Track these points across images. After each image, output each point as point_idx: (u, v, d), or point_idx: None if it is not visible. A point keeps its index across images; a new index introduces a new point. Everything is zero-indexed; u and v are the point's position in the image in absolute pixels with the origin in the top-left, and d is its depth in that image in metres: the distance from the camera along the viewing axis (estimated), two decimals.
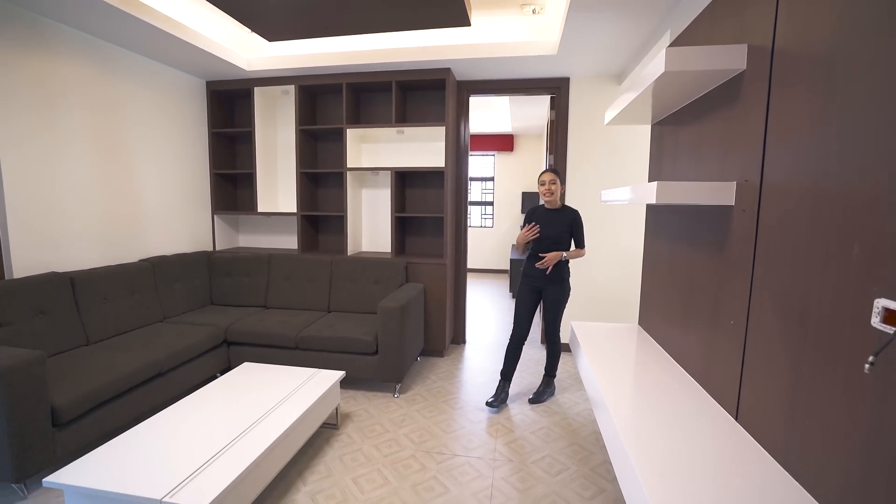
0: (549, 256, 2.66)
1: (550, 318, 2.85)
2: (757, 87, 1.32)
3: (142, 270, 3.11)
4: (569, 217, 2.74)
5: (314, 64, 3.43)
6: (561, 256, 2.68)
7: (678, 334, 1.92)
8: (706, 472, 1.13)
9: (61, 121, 2.69)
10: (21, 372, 1.82)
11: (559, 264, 2.73)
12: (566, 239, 2.73)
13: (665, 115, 2.15)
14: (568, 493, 2.00)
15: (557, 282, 2.77)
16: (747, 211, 1.35)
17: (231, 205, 4.18)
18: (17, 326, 2.30)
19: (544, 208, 2.79)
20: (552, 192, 2.70)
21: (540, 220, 2.73)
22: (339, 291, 3.53)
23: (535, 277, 2.79)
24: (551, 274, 2.73)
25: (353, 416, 2.67)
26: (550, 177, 2.71)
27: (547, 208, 2.78)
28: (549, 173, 2.73)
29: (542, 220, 2.73)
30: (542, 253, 2.71)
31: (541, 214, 2.77)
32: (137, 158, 3.24)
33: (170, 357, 2.61)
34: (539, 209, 2.81)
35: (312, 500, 1.93)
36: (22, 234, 2.51)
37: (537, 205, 2.86)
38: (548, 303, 2.83)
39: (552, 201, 2.74)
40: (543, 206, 2.80)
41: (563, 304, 2.83)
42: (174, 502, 1.44)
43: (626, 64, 3.26)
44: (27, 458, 1.85)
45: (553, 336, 2.90)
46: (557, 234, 2.70)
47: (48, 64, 2.60)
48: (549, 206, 2.77)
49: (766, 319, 1.24)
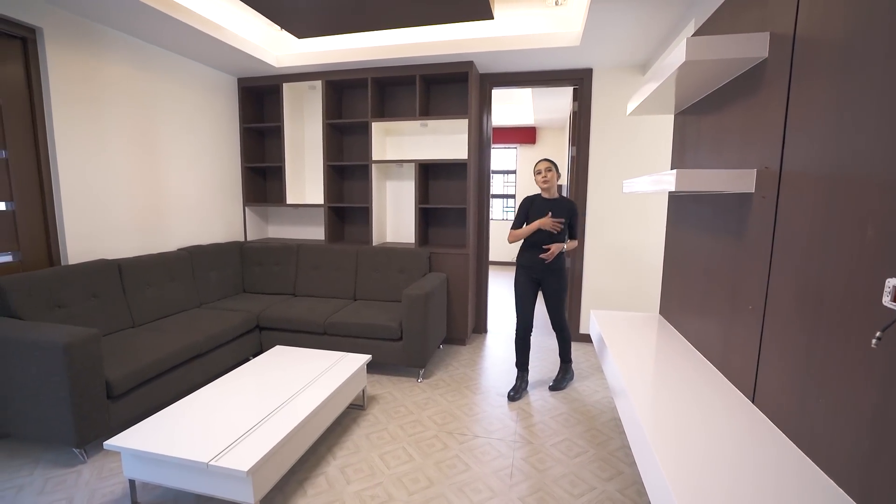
0: (553, 248, 2.67)
1: (556, 309, 2.86)
2: (778, 74, 1.34)
3: (180, 259, 3.29)
4: (568, 207, 2.75)
5: (340, 59, 3.53)
6: (562, 248, 2.69)
7: (698, 321, 1.95)
8: (723, 453, 1.18)
9: (107, 118, 2.87)
10: (81, 348, 2.00)
11: (558, 256, 2.75)
12: (564, 229, 2.74)
13: (688, 104, 2.16)
14: (586, 474, 2.07)
15: (557, 272, 2.78)
16: (767, 198, 1.38)
17: (261, 197, 4.34)
18: (73, 308, 2.49)
19: (542, 198, 2.78)
20: (548, 181, 2.69)
21: (539, 209, 2.74)
22: (365, 280, 3.65)
23: (533, 269, 2.80)
24: (550, 264, 2.74)
25: (378, 399, 2.79)
26: (546, 164, 2.70)
27: (545, 198, 2.77)
28: (544, 161, 2.72)
29: (540, 210, 2.73)
30: (543, 244, 2.71)
31: (540, 204, 2.77)
32: (174, 153, 3.41)
33: (208, 340, 2.77)
34: (537, 199, 2.80)
35: (342, 473, 2.05)
36: (75, 224, 2.70)
37: (533, 194, 2.85)
38: (549, 293, 2.83)
39: (549, 190, 2.73)
40: (540, 195, 2.80)
41: (565, 293, 2.85)
42: (219, 465, 1.57)
43: (651, 54, 3.25)
44: (86, 426, 2.03)
45: (562, 324, 2.90)
46: None
47: (96, 64, 2.78)
48: (546, 196, 2.76)
49: (783, 303, 1.27)
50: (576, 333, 3.93)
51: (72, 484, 1.96)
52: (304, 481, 1.99)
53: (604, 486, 1.98)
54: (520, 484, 1.99)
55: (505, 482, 2.00)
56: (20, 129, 2.47)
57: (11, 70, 2.42)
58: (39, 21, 2.45)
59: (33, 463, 2.10)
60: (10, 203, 2.44)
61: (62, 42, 2.58)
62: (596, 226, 3.76)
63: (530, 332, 2.90)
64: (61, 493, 1.90)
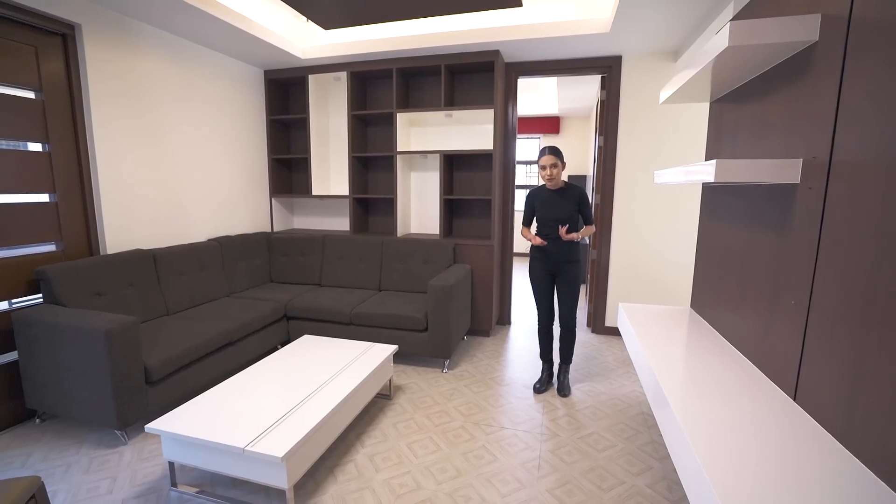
0: (573, 235, 2.58)
1: (568, 304, 2.75)
2: (830, 58, 1.27)
3: (211, 249, 3.37)
4: (575, 195, 2.65)
5: (365, 50, 3.53)
6: (577, 237, 2.60)
7: (733, 316, 1.90)
8: (764, 450, 1.15)
9: (141, 112, 2.95)
10: (121, 334, 2.07)
11: (572, 245, 2.68)
12: (576, 217, 2.65)
13: (725, 91, 2.08)
14: (615, 468, 2.05)
15: (571, 263, 2.70)
16: (814, 188, 1.32)
17: (287, 188, 4.41)
18: (112, 296, 2.59)
19: (547, 189, 2.71)
20: (552, 177, 2.61)
21: (546, 202, 2.68)
22: (390, 271, 3.68)
23: (547, 261, 2.73)
24: (566, 255, 2.67)
25: (404, 389, 2.82)
26: (551, 160, 2.60)
27: (550, 189, 2.70)
28: (548, 156, 2.61)
29: (549, 202, 2.67)
30: (552, 235, 2.65)
31: (545, 196, 2.70)
32: (204, 145, 3.48)
33: (238, 328, 2.84)
34: (541, 191, 2.74)
35: (371, 461, 2.09)
36: (112, 215, 2.79)
37: (537, 186, 2.77)
38: (562, 288, 2.74)
39: (554, 183, 2.66)
40: (545, 186, 2.72)
41: (578, 287, 2.75)
42: (255, 451, 1.62)
43: (683, 40, 3.14)
44: (127, 409, 2.12)
45: (571, 322, 2.78)
46: (563, 215, 2.63)
47: (131, 59, 2.85)
48: (551, 187, 2.69)
49: (830, 298, 1.22)
50: (601, 326, 3.89)
51: (115, 464, 2.05)
52: (335, 468, 2.04)
53: (633, 481, 1.96)
54: (548, 476, 1.99)
55: (533, 474, 2.00)
56: (61, 123, 2.55)
57: (53, 66, 2.50)
58: (78, 17, 2.52)
59: (79, 443, 2.20)
60: (52, 195, 2.54)
61: (99, 37, 2.64)
62: (623, 217, 3.69)
63: (552, 323, 2.87)
64: (105, 472, 1.99)
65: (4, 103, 2.31)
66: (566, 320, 2.80)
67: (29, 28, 2.38)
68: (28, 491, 1.21)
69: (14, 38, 2.32)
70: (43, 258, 2.51)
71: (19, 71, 2.35)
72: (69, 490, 1.87)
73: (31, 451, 2.14)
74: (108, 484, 1.91)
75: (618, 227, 3.71)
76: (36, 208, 2.48)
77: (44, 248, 2.53)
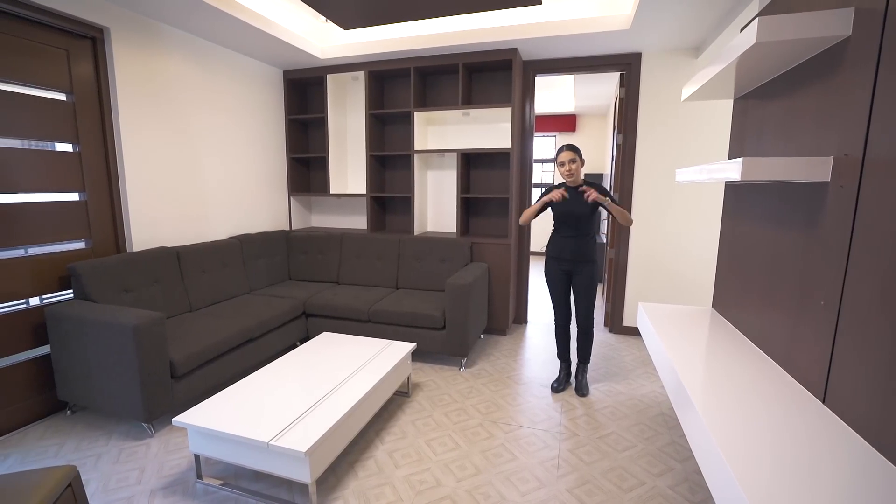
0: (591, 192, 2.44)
1: (585, 305, 2.70)
2: (864, 54, 1.24)
3: (231, 247, 3.43)
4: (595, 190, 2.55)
5: (383, 50, 3.55)
6: (607, 200, 2.46)
7: (758, 317, 1.87)
8: (793, 452, 1.13)
9: (165, 112, 3.01)
10: (148, 329, 2.13)
11: (589, 243, 2.63)
12: (591, 214, 2.60)
13: (750, 88, 2.05)
14: (635, 468, 2.04)
15: (588, 263, 2.66)
16: (846, 187, 1.29)
17: (305, 187, 4.46)
18: (139, 293, 2.66)
19: (566, 186, 2.66)
20: (571, 173, 2.58)
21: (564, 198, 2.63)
22: (407, 269, 3.70)
23: (563, 260, 2.69)
24: (582, 254, 2.63)
25: (422, 386, 2.84)
26: (570, 156, 2.57)
27: (569, 185, 2.65)
28: (567, 151, 2.58)
29: (568, 196, 2.60)
30: (570, 235, 2.62)
31: None
32: (224, 145, 3.55)
33: (259, 325, 2.89)
34: (559, 187, 2.68)
35: (390, 457, 2.11)
36: (138, 214, 2.86)
37: (556, 184, 2.73)
38: (579, 288, 2.69)
39: (574, 180, 2.62)
40: (564, 183, 2.68)
41: (595, 288, 2.70)
42: (279, 445, 1.65)
43: (706, 36, 3.09)
44: (153, 403, 2.17)
45: (588, 323, 2.74)
46: (582, 211, 2.58)
47: (156, 61, 2.91)
48: (570, 184, 2.64)
49: (863, 299, 1.19)
50: (619, 326, 3.85)
51: (142, 455, 2.10)
52: (355, 463, 2.06)
53: (654, 482, 1.95)
54: (567, 475, 1.99)
55: (552, 473, 2.00)
56: (91, 124, 2.63)
57: (83, 69, 2.57)
58: (107, 21, 2.59)
59: (108, 434, 2.27)
60: (82, 194, 2.62)
61: (127, 40, 2.71)
62: (642, 215, 3.65)
63: (569, 322, 2.85)
64: (134, 463, 2.05)
65: (38, 105, 2.39)
66: (583, 323, 2.75)
67: (60, 32, 2.45)
68: (65, 479, 1.25)
69: (46, 41, 2.40)
70: (73, 255, 2.59)
71: (51, 74, 2.43)
72: (100, 479, 1.93)
73: (63, 441, 2.22)
74: (136, 475, 1.97)
75: (636, 226, 3.67)
76: (67, 207, 2.56)
77: (74, 246, 2.61)
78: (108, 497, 1.84)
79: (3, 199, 2.28)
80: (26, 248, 2.40)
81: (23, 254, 2.39)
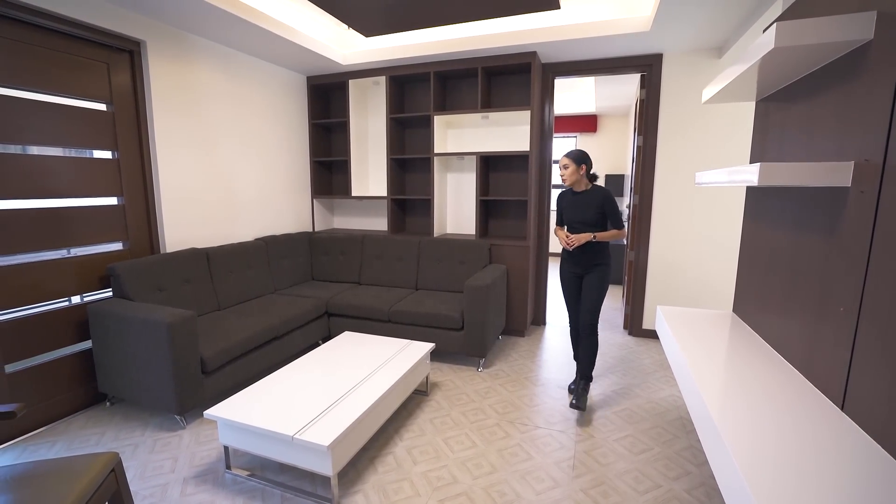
0: (574, 237, 2.53)
1: (589, 308, 2.62)
2: (886, 57, 1.23)
3: (257, 248, 3.56)
4: (598, 198, 2.57)
5: (403, 55, 3.62)
6: (591, 237, 2.52)
7: (778, 322, 1.85)
8: (810, 460, 1.13)
9: (196, 120, 3.15)
10: (181, 326, 2.25)
11: (596, 247, 2.60)
12: (598, 221, 2.58)
13: (772, 90, 2.02)
14: (651, 471, 2.04)
15: (597, 267, 2.63)
16: (866, 192, 1.28)
17: (327, 189, 4.57)
18: (171, 292, 2.79)
19: (572, 192, 2.66)
20: (564, 178, 2.59)
21: (569, 204, 2.65)
22: (427, 270, 3.76)
23: (574, 263, 2.69)
24: (592, 258, 2.61)
25: (440, 386, 2.89)
26: (564, 161, 2.58)
27: (575, 191, 2.65)
28: (563, 157, 2.60)
29: (573, 204, 2.63)
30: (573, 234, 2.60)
31: (569, 198, 2.67)
32: (251, 150, 3.68)
33: (283, 323, 2.99)
34: (567, 193, 2.70)
35: (409, 454, 2.17)
36: (171, 217, 3.00)
37: (566, 188, 2.72)
38: (587, 290, 2.64)
39: (576, 184, 2.61)
40: (572, 189, 2.67)
41: (603, 292, 2.65)
42: (303, 439, 1.73)
43: (729, 36, 3.05)
44: (185, 396, 2.29)
45: (594, 320, 2.64)
46: (587, 218, 2.57)
47: (189, 71, 3.05)
48: (576, 189, 2.64)
49: (882, 306, 1.19)
50: (638, 329, 3.83)
51: (175, 446, 2.22)
52: (375, 459, 2.13)
53: (670, 485, 1.95)
54: (583, 476, 2.01)
55: (567, 473, 2.03)
56: (128, 132, 2.78)
57: (121, 80, 2.72)
58: (144, 34, 2.73)
59: (143, 425, 2.40)
60: (120, 198, 2.77)
61: (161, 52, 2.85)
62: (662, 218, 3.62)
63: None
64: (167, 453, 2.17)
65: (81, 116, 2.54)
66: (587, 318, 2.65)
67: (101, 46, 2.60)
68: (110, 464, 1.35)
69: (89, 55, 2.55)
70: (112, 256, 2.74)
71: (93, 85, 2.58)
72: (137, 467, 2.05)
73: (104, 430, 2.36)
74: (170, 464, 2.08)
75: (656, 229, 3.64)
76: (106, 210, 2.71)
77: (112, 247, 2.77)
78: (146, 483, 1.95)
79: (49, 203, 2.44)
80: (69, 250, 2.56)
81: (66, 255, 2.54)
